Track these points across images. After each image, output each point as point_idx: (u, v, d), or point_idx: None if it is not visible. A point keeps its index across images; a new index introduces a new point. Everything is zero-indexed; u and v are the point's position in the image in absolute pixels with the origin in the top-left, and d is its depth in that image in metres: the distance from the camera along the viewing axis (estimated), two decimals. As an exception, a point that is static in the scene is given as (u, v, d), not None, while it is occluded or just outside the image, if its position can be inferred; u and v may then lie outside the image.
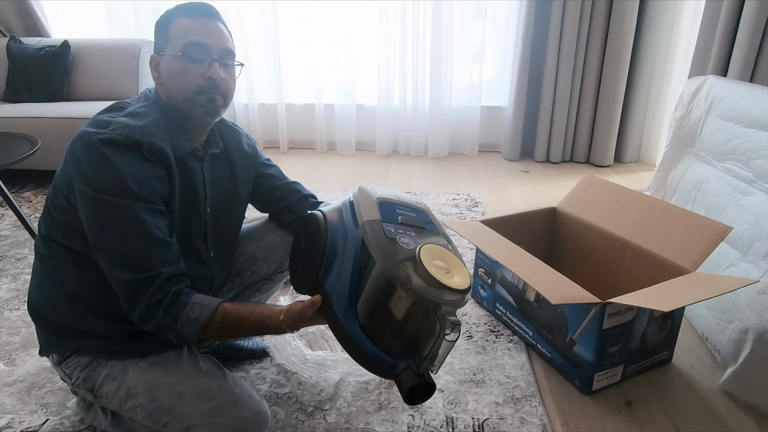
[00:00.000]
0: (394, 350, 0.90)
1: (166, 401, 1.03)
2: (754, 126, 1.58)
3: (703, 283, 1.26)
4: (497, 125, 3.50)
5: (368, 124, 3.51)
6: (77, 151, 0.96)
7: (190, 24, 1.03)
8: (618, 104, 3.12)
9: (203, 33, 1.04)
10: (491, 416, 1.27)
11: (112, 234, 0.95)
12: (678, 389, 1.38)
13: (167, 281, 0.96)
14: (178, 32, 1.03)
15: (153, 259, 0.95)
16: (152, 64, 1.08)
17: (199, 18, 1.04)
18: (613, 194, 1.67)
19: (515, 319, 1.56)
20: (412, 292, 0.84)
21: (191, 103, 1.04)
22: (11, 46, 3.05)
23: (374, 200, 0.96)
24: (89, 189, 0.94)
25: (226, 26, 1.09)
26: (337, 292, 0.93)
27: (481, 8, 3.29)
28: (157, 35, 1.06)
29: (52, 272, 1.07)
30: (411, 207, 1.00)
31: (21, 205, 2.54)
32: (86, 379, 1.09)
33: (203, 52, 1.03)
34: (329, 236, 0.97)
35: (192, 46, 1.02)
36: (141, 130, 0.97)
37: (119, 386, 1.06)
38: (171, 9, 1.06)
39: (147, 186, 0.96)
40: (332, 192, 2.78)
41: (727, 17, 2.14)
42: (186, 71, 1.03)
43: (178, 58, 1.03)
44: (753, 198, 1.48)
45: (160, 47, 1.06)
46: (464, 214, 2.50)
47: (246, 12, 3.33)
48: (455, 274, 0.88)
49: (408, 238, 0.89)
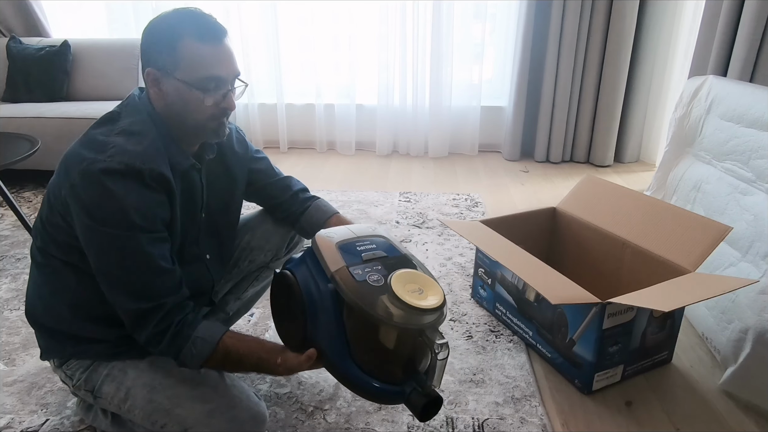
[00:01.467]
0: (396, 378, 0.94)
1: (163, 403, 1.02)
2: (754, 126, 1.58)
3: (703, 283, 1.26)
4: (497, 125, 3.50)
5: (368, 124, 3.51)
6: (73, 177, 0.92)
7: (206, 52, 0.97)
8: (618, 104, 3.12)
9: (220, 64, 0.98)
10: (491, 416, 1.27)
11: (114, 265, 0.95)
12: (678, 389, 1.38)
13: (171, 312, 0.97)
14: (192, 60, 0.96)
15: (156, 289, 0.96)
16: (150, 79, 0.99)
17: (212, 44, 0.97)
18: (613, 194, 1.67)
19: (515, 319, 1.56)
20: (395, 326, 0.88)
21: (202, 128, 1.02)
22: (11, 46, 3.05)
23: (334, 247, 0.97)
24: (90, 220, 0.92)
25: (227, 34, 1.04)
26: (329, 343, 0.95)
27: (481, 8, 3.29)
28: (161, 51, 0.97)
29: (51, 282, 1.06)
30: (369, 239, 1.02)
31: (21, 205, 2.54)
32: (87, 380, 1.09)
33: (220, 84, 0.99)
34: (304, 295, 0.97)
35: (209, 80, 0.97)
36: (141, 157, 0.93)
37: (119, 387, 1.06)
38: (174, 21, 0.97)
39: (149, 215, 0.94)
40: (332, 192, 2.78)
41: (727, 17, 2.14)
42: (201, 101, 0.98)
43: (191, 89, 0.97)
44: (753, 198, 1.48)
45: (164, 66, 0.97)
46: (464, 214, 2.50)
47: (246, 12, 3.33)
48: (428, 292, 0.92)
49: (376, 275, 0.92)
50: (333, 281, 0.92)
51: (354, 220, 2.40)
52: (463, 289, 1.84)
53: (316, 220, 1.28)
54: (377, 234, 1.05)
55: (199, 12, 0.99)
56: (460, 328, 1.62)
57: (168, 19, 0.98)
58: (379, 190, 2.82)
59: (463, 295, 1.80)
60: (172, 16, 0.98)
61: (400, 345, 0.91)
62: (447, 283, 1.88)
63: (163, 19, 0.99)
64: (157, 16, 1.00)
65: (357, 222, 1.28)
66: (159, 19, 0.99)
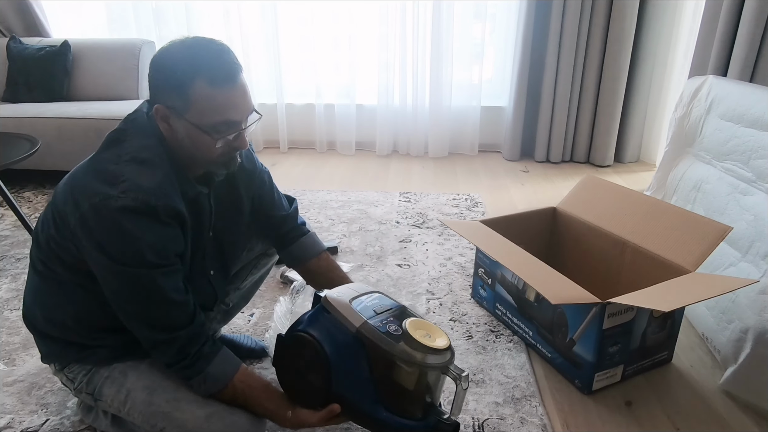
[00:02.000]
0: (417, 414, 1.03)
1: (162, 406, 1.02)
2: (754, 126, 1.58)
3: (703, 283, 1.26)
4: (497, 125, 3.50)
5: (368, 124, 3.51)
6: (84, 209, 0.90)
7: (219, 97, 0.92)
8: (618, 104, 3.12)
9: (234, 108, 0.94)
10: (491, 416, 1.27)
11: (128, 299, 0.96)
12: (678, 389, 1.38)
13: (185, 345, 1.00)
14: (204, 105, 0.92)
15: (171, 321, 0.98)
16: (160, 116, 0.95)
17: (226, 87, 0.92)
18: (613, 194, 1.67)
19: (515, 319, 1.56)
20: (427, 367, 0.99)
21: (213, 164, 1.01)
22: (11, 46, 3.05)
23: (349, 305, 1.04)
24: (104, 257, 0.92)
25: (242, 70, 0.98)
26: (358, 392, 1.01)
27: (481, 8, 3.29)
28: (171, 92, 0.93)
29: (54, 293, 1.05)
30: (370, 293, 1.11)
31: (21, 205, 2.54)
32: (89, 383, 1.09)
33: (232, 127, 0.96)
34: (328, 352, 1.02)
35: (222, 125, 0.95)
36: (155, 193, 0.91)
37: (119, 389, 1.06)
38: (186, 61, 0.91)
39: (164, 251, 0.94)
40: (332, 192, 2.78)
41: (727, 17, 2.14)
42: (212, 144, 0.96)
43: (202, 133, 0.94)
44: (753, 198, 1.48)
45: (174, 106, 0.93)
46: (464, 214, 2.50)
47: (246, 12, 3.33)
48: (434, 335, 1.03)
49: (393, 325, 1.02)
50: (360, 335, 1.00)
51: (354, 220, 2.42)
52: (463, 289, 1.84)
53: (305, 254, 1.30)
54: (374, 289, 1.14)
55: (213, 48, 0.94)
56: (460, 328, 1.62)
57: (179, 58, 0.92)
58: (379, 190, 2.82)
59: (463, 295, 1.80)
60: (184, 54, 0.92)
61: (419, 384, 1.00)
62: (447, 283, 1.88)
63: (174, 55, 0.93)
64: (167, 47, 0.94)
65: None
66: (169, 54, 0.93)
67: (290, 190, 2.80)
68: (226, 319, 1.42)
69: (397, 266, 2.00)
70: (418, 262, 2.03)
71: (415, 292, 1.82)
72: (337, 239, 2.22)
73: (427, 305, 1.74)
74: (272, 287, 1.84)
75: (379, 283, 1.88)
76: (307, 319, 1.07)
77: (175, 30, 3.42)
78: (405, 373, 0.99)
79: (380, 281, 1.89)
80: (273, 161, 3.35)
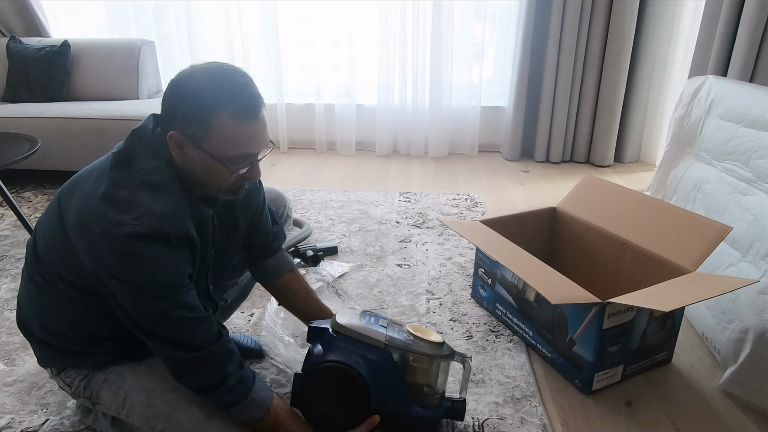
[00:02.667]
0: (436, 402, 1.19)
1: (161, 407, 1.02)
2: (754, 126, 1.58)
3: (703, 283, 1.26)
4: (497, 125, 3.50)
5: (368, 124, 3.51)
6: (95, 236, 0.88)
7: (241, 132, 0.91)
8: (618, 104, 3.12)
9: (255, 142, 0.94)
10: (491, 416, 1.27)
11: (153, 323, 0.95)
12: (678, 389, 1.38)
13: (222, 363, 0.99)
14: (225, 138, 0.91)
15: (201, 338, 0.97)
16: (174, 141, 0.93)
17: (250, 122, 0.92)
18: (613, 194, 1.67)
19: (515, 319, 1.56)
20: (447, 358, 1.17)
21: (222, 192, 1.01)
22: (11, 46, 3.05)
23: (364, 326, 1.14)
24: (117, 281, 0.91)
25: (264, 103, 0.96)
26: (395, 399, 1.13)
27: (481, 8, 3.29)
28: (192, 121, 0.91)
29: (53, 304, 1.04)
30: (363, 312, 1.21)
31: (21, 205, 2.54)
32: (86, 387, 1.09)
33: (249, 159, 0.96)
34: (363, 373, 1.10)
35: (240, 158, 0.94)
36: (168, 220, 0.90)
37: (117, 392, 1.06)
38: (211, 92, 0.90)
39: (177, 274, 0.94)
40: (332, 192, 2.78)
41: (727, 17, 2.14)
42: (229, 174, 0.95)
43: (218, 164, 0.93)
44: (753, 198, 1.48)
45: (193, 135, 0.92)
46: (464, 214, 2.50)
47: (246, 12, 3.33)
48: (428, 334, 1.17)
49: (404, 334, 1.16)
50: (389, 348, 1.11)
51: (354, 220, 2.42)
52: (463, 289, 1.84)
53: (276, 270, 1.31)
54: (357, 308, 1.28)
55: (238, 81, 0.92)
56: (460, 328, 1.62)
57: (204, 87, 0.90)
58: (379, 190, 2.82)
59: (463, 295, 1.80)
60: (210, 84, 0.90)
61: (435, 376, 1.17)
62: (447, 283, 1.88)
63: (199, 84, 0.91)
64: (190, 73, 0.92)
65: None
66: (193, 81, 0.91)
67: (290, 190, 2.81)
68: (225, 316, 1.42)
69: (397, 266, 2.00)
70: (418, 262, 2.03)
71: (415, 292, 1.82)
72: (337, 239, 2.22)
73: (427, 305, 1.74)
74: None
75: (379, 283, 1.88)
76: (324, 349, 1.11)
77: (175, 30, 3.42)
78: (427, 369, 1.14)
79: (380, 281, 1.89)
80: (273, 161, 3.35)
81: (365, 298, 1.78)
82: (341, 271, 1.93)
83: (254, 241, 1.27)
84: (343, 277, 1.91)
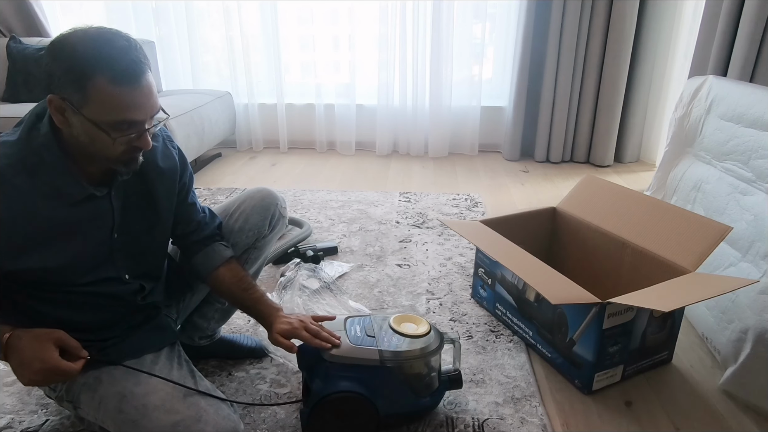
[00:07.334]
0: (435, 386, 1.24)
1: (131, 413, 0.99)
2: (754, 126, 1.58)
3: (703, 283, 1.26)
4: (497, 125, 3.50)
5: (368, 124, 3.51)
6: None
7: (120, 96, 0.87)
8: (618, 104, 3.12)
9: (137, 108, 0.90)
10: (491, 416, 1.27)
11: None
12: (678, 389, 1.38)
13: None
14: (103, 102, 0.87)
15: None
16: (54, 106, 0.88)
17: (129, 86, 0.87)
18: (613, 194, 1.67)
19: (515, 319, 1.56)
20: (438, 350, 1.20)
21: (112, 162, 0.96)
22: (11, 46, 3.05)
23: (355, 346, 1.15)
24: None
25: (150, 68, 0.92)
26: (401, 401, 1.19)
27: (481, 8, 3.29)
28: (67, 84, 0.86)
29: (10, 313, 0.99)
30: (351, 315, 1.26)
31: (21, 205, 2.53)
32: (68, 391, 1.06)
33: (134, 126, 0.91)
34: (367, 392, 1.13)
35: (122, 124, 0.90)
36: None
37: (93, 396, 1.03)
38: (86, 55, 0.85)
39: None
40: (332, 192, 2.78)
41: (727, 17, 2.14)
42: (110, 142, 0.91)
43: (100, 131, 0.89)
44: (753, 198, 1.48)
45: (71, 99, 0.87)
46: (464, 214, 2.50)
47: (246, 12, 3.32)
48: (414, 322, 1.22)
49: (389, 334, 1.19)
50: (383, 362, 1.13)
51: (354, 220, 2.42)
52: (463, 289, 1.84)
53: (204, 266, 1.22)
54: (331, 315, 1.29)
55: (119, 44, 0.88)
56: (460, 328, 1.62)
57: (80, 49, 0.86)
58: (379, 190, 2.82)
59: (463, 295, 1.80)
60: (86, 47, 0.86)
61: (430, 366, 1.21)
62: (447, 283, 1.88)
63: (75, 45, 0.86)
64: (68, 35, 0.88)
65: None
66: (69, 43, 0.87)
67: (290, 190, 2.81)
68: (225, 317, 1.42)
69: (397, 266, 2.00)
70: (418, 262, 2.03)
71: (415, 292, 1.82)
72: (337, 239, 2.22)
73: (427, 305, 1.74)
74: (271, 287, 1.84)
75: (379, 283, 1.88)
76: (323, 381, 1.13)
77: (175, 30, 3.42)
78: (423, 363, 1.18)
79: (380, 281, 1.89)
80: (273, 161, 3.35)
81: (365, 298, 1.78)
82: (341, 271, 1.93)
83: (176, 228, 1.20)
84: (343, 277, 1.91)
